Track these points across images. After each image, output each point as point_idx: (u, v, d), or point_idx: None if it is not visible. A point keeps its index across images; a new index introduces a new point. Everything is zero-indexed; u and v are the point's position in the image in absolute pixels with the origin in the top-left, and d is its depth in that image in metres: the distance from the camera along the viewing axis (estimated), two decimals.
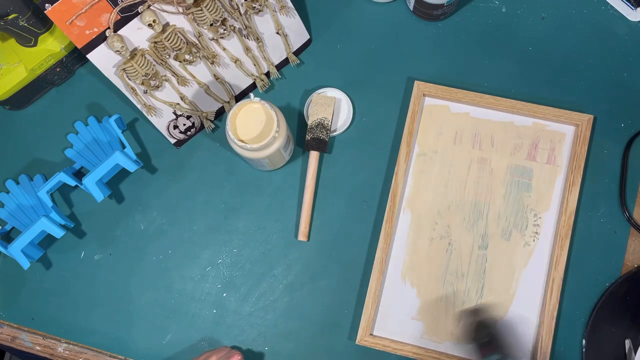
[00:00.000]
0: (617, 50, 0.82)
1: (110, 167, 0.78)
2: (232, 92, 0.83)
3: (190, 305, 0.79)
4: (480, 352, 0.74)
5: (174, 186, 0.83)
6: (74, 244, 0.82)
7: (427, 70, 0.83)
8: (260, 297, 0.79)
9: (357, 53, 0.85)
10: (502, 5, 0.85)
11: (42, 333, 0.81)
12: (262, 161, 0.75)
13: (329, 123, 0.79)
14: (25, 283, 0.82)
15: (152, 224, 0.82)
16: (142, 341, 0.79)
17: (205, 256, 0.81)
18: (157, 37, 0.73)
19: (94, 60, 0.72)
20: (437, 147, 0.80)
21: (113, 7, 0.69)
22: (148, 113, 0.78)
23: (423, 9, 0.82)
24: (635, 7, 0.83)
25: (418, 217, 0.79)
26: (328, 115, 0.79)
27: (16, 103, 0.85)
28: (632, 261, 0.76)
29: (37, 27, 0.79)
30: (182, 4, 0.73)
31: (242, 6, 0.76)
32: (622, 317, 0.74)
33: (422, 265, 0.77)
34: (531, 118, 0.80)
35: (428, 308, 0.76)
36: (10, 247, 0.77)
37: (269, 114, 0.72)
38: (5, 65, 0.81)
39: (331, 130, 0.81)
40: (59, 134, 0.86)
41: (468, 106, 0.81)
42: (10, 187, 0.84)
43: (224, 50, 0.79)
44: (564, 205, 0.76)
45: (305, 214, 0.79)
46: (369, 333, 0.75)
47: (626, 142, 0.79)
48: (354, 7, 0.86)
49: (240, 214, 0.81)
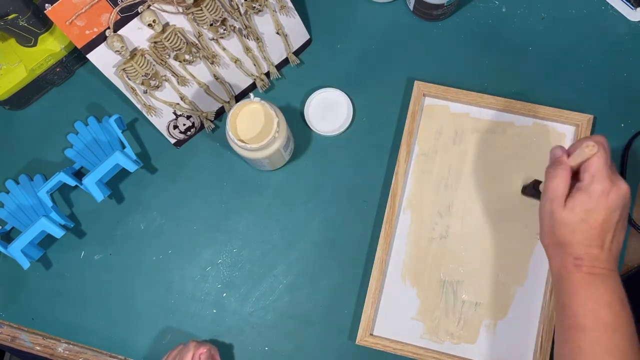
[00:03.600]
0: (617, 50, 0.82)
1: (110, 167, 0.78)
2: (232, 92, 0.83)
3: (190, 305, 0.79)
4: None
5: (174, 186, 0.83)
6: (74, 244, 0.82)
7: (427, 70, 0.83)
8: (260, 297, 0.79)
9: (357, 53, 0.85)
10: (502, 5, 0.85)
11: (42, 333, 0.81)
12: (262, 161, 0.75)
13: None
14: (25, 283, 0.82)
15: (152, 224, 0.82)
16: (142, 341, 0.79)
17: (205, 256, 0.81)
18: (157, 37, 0.73)
19: (94, 60, 0.72)
20: (437, 147, 0.80)
21: (113, 7, 0.69)
22: (148, 113, 0.78)
23: (423, 9, 0.82)
24: (635, 7, 0.83)
25: (418, 217, 0.79)
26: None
27: (16, 103, 0.85)
28: (632, 261, 0.76)
29: (37, 27, 0.79)
30: (182, 4, 0.73)
31: (242, 6, 0.76)
32: None
33: (422, 265, 0.77)
34: (531, 118, 0.80)
35: (428, 308, 0.76)
36: (10, 247, 0.77)
37: (269, 114, 0.72)
38: (5, 65, 0.81)
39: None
40: (59, 134, 0.85)
41: (468, 106, 0.81)
42: (10, 187, 0.84)
43: (224, 50, 0.79)
44: None
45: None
46: (369, 333, 0.75)
47: (626, 142, 0.79)
48: (354, 7, 0.86)
49: (240, 214, 0.81)
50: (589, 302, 0.57)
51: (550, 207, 0.58)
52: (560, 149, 0.60)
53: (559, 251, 0.59)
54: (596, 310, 0.57)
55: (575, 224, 0.57)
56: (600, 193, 0.56)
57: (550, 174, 0.59)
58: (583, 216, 0.56)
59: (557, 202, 0.58)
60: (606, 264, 0.58)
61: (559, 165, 0.59)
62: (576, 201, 0.57)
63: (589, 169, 0.57)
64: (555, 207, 0.58)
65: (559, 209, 0.58)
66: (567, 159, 0.59)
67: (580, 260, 0.57)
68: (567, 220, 0.57)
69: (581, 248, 0.57)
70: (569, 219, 0.57)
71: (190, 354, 0.71)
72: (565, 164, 0.59)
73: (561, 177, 0.58)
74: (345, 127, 0.82)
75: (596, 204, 0.56)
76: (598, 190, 0.56)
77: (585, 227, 0.57)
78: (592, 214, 0.56)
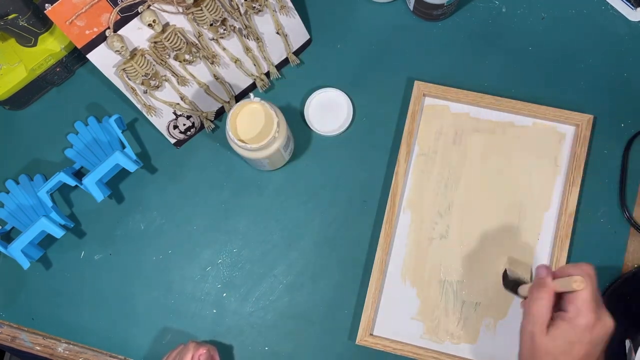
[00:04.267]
0: (617, 50, 0.82)
1: (110, 167, 0.78)
2: (232, 92, 0.83)
3: (190, 305, 0.79)
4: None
5: (174, 186, 0.83)
6: (74, 244, 0.82)
7: (427, 70, 0.83)
8: (260, 297, 0.79)
9: (357, 53, 0.85)
10: (502, 5, 0.85)
11: (42, 333, 0.81)
12: (262, 161, 0.75)
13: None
14: (25, 283, 0.82)
15: (152, 224, 0.82)
16: (142, 341, 0.79)
17: (205, 256, 0.81)
18: (157, 37, 0.73)
19: (94, 60, 0.72)
20: (437, 147, 0.80)
21: (113, 7, 0.69)
22: (148, 113, 0.78)
23: (423, 9, 0.82)
24: (635, 7, 0.83)
25: (418, 217, 0.79)
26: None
27: (16, 103, 0.85)
28: (632, 261, 0.76)
29: (37, 27, 0.79)
30: (182, 4, 0.73)
31: (242, 6, 0.76)
32: (622, 317, 0.74)
33: (422, 266, 0.77)
34: (531, 118, 0.80)
35: (428, 308, 0.76)
36: (10, 247, 0.77)
37: (269, 114, 0.72)
38: (5, 65, 0.81)
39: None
40: (59, 134, 0.85)
41: (468, 106, 0.81)
42: (10, 187, 0.84)
43: (224, 50, 0.79)
44: (564, 205, 0.76)
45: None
46: (369, 333, 0.75)
47: (626, 142, 0.79)
48: (354, 7, 0.86)
49: (240, 214, 0.81)
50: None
51: (532, 330, 0.58)
52: (545, 269, 0.60)
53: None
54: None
55: (556, 355, 0.56)
56: (584, 327, 0.55)
57: (534, 295, 0.59)
58: (565, 348, 0.56)
59: (539, 326, 0.57)
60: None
61: (543, 288, 0.58)
62: (559, 331, 0.56)
63: (575, 302, 0.56)
64: (537, 331, 0.57)
65: (540, 335, 0.57)
66: (552, 282, 0.58)
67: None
68: (549, 348, 0.56)
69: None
70: (550, 347, 0.56)
71: (189, 355, 0.71)
72: (549, 287, 0.58)
73: (545, 300, 0.57)
74: (345, 127, 0.82)
75: (580, 337, 0.55)
76: (582, 324, 0.55)
77: (567, 359, 0.56)
78: (575, 346, 0.56)
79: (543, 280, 0.59)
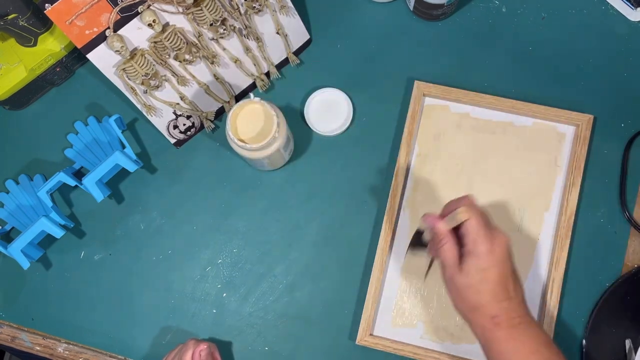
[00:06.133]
0: (617, 50, 0.82)
1: (110, 167, 0.78)
2: (232, 92, 0.83)
3: (190, 305, 0.79)
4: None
5: (174, 186, 0.83)
6: (74, 244, 0.82)
7: (427, 70, 0.83)
8: (260, 297, 0.79)
9: (357, 53, 0.85)
10: (502, 5, 0.85)
11: (42, 333, 0.81)
12: (262, 161, 0.75)
13: None
14: (25, 283, 0.82)
15: (152, 224, 0.82)
16: (142, 341, 0.79)
17: (205, 256, 0.81)
18: (157, 37, 0.73)
19: (94, 60, 0.72)
20: (437, 147, 0.80)
21: (113, 7, 0.69)
22: (148, 113, 0.78)
23: (423, 9, 0.82)
24: (635, 7, 0.83)
25: (418, 217, 0.79)
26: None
27: (16, 103, 0.85)
28: (632, 261, 0.76)
29: (37, 27, 0.79)
30: (182, 4, 0.73)
31: (242, 6, 0.76)
32: (622, 317, 0.74)
33: (422, 266, 0.77)
34: (531, 118, 0.80)
35: (428, 308, 0.76)
36: (10, 247, 0.77)
37: (269, 114, 0.72)
38: (5, 65, 0.81)
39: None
40: (59, 134, 0.85)
41: (468, 106, 0.81)
42: (10, 187, 0.84)
43: (224, 50, 0.79)
44: (564, 205, 0.76)
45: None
46: (369, 333, 0.75)
47: (626, 142, 0.79)
48: (354, 7, 0.86)
49: (240, 214, 0.81)
50: (518, 355, 0.59)
51: (449, 274, 0.61)
52: (430, 217, 0.63)
53: (475, 315, 0.60)
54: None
55: (476, 285, 0.59)
56: (486, 252, 0.59)
57: (435, 246, 0.63)
58: (480, 276, 0.59)
59: (452, 268, 0.61)
60: (520, 312, 0.60)
61: (437, 233, 0.62)
62: (468, 265, 0.60)
63: (468, 234, 0.60)
64: (453, 273, 0.61)
65: (457, 275, 0.60)
66: (442, 224, 0.62)
67: (497, 317, 0.59)
68: (467, 283, 0.60)
69: (493, 305, 0.59)
70: (468, 282, 0.60)
71: (190, 352, 0.71)
72: (442, 230, 0.62)
73: (447, 245, 0.61)
74: (345, 127, 0.82)
75: (487, 262, 0.59)
76: (483, 250, 0.59)
77: (487, 285, 0.59)
78: (487, 272, 0.59)
79: (434, 227, 0.62)
